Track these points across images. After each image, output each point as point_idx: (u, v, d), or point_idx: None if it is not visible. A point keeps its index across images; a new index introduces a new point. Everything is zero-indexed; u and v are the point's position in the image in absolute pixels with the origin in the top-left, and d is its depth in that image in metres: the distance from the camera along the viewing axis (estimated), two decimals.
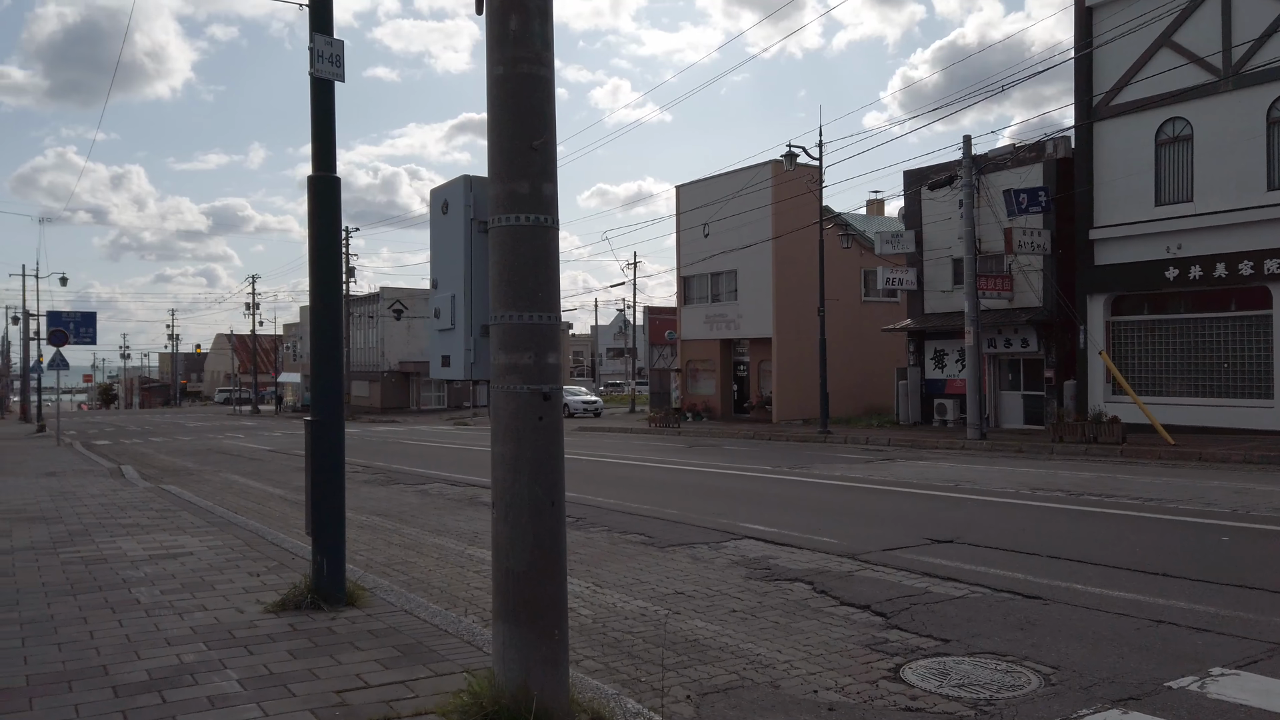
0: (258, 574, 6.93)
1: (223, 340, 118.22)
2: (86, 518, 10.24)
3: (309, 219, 5.75)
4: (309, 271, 5.73)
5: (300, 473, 17.72)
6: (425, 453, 22.37)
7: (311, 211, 5.74)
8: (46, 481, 15.21)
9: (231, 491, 14.57)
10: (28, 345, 60.63)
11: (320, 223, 5.75)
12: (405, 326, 60.17)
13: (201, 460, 21.69)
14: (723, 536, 9.23)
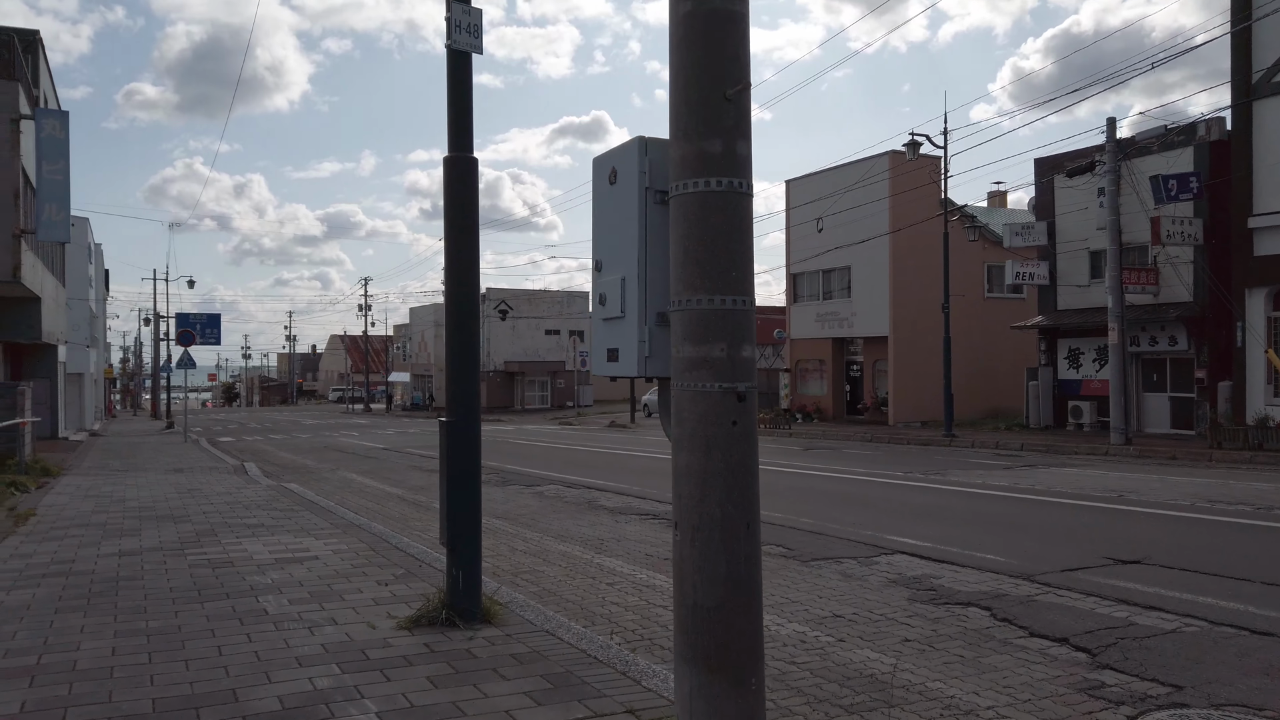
0: (385, 583, 6.55)
1: (336, 341, 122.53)
2: (213, 516, 10.18)
3: (445, 203, 5.30)
4: (445, 258, 5.28)
5: (416, 471, 17.67)
6: (535, 453, 22.14)
7: (448, 195, 5.29)
8: (174, 478, 15.51)
9: (350, 490, 14.52)
10: (158, 346, 63.91)
11: (456, 206, 5.28)
12: (510, 326, 60.86)
13: (320, 458, 22.01)
14: (871, 550, 8.45)
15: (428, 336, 71.82)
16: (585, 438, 28.47)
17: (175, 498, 12.18)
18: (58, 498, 12.10)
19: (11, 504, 11.09)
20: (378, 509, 11.99)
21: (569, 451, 22.43)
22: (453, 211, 5.30)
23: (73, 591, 6.23)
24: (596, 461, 19.21)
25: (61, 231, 19.68)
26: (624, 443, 25.52)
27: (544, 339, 62.73)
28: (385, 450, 24.16)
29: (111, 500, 11.86)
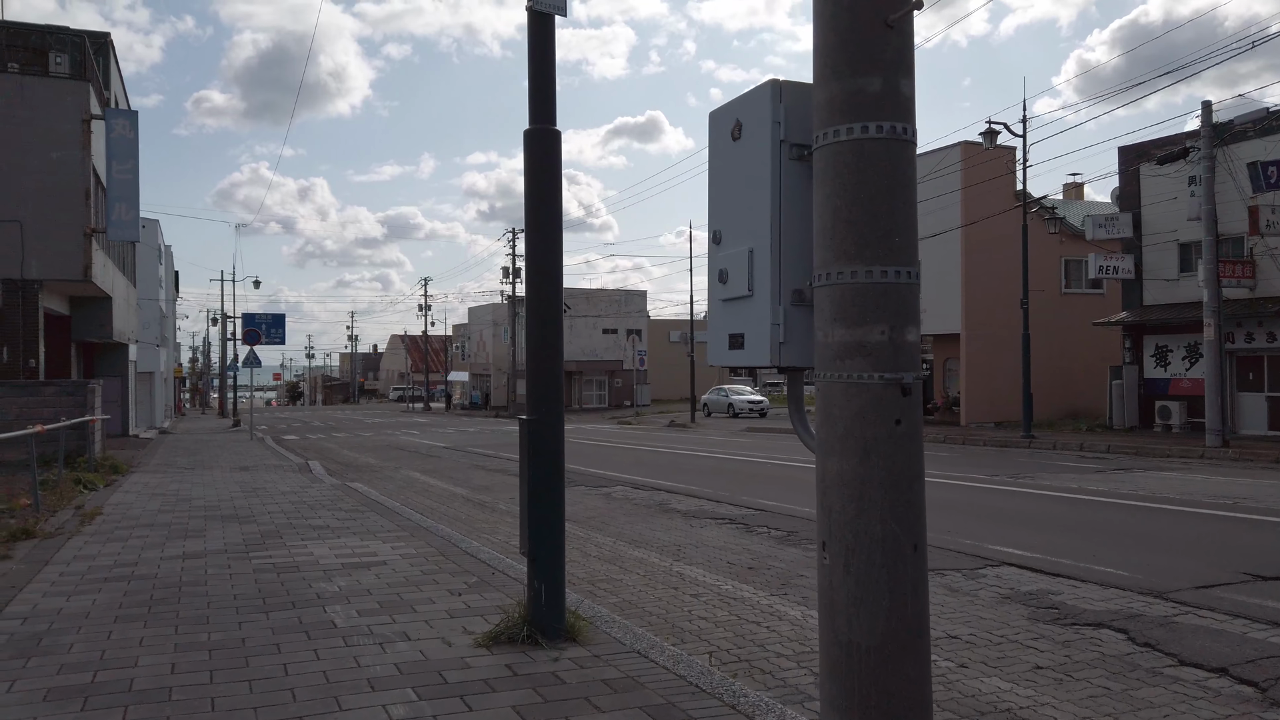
0: (458, 592, 6.12)
1: (397, 341, 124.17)
2: (278, 517, 9.92)
3: (526, 180, 4.83)
4: (525, 243, 4.82)
5: (478, 471, 17.37)
6: (598, 453, 21.72)
7: (529, 172, 4.82)
8: (240, 476, 15.42)
9: (414, 490, 14.25)
10: (224, 345, 65.26)
11: (538, 185, 4.82)
12: (568, 325, 60.69)
13: (382, 456, 21.90)
14: (974, 561, 7.78)
15: (486, 336, 72.11)
16: (646, 437, 28.00)
17: (240, 497, 12.00)
18: (125, 496, 12.01)
19: (79, 502, 10.98)
20: (443, 509, 11.65)
21: (632, 451, 21.97)
22: (535, 190, 4.83)
23: (134, 598, 5.92)
24: (661, 462, 18.71)
25: (131, 231, 19.86)
26: (687, 442, 24.98)
27: (601, 338, 62.47)
28: (447, 449, 23.99)
29: (178, 499, 11.72)
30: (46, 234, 18.81)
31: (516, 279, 58.21)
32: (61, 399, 17.08)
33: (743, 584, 7.04)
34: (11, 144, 18.60)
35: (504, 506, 11.92)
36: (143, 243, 38.00)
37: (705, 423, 36.96)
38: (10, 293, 18.60)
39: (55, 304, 21.60)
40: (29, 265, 18.70)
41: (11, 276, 18.59)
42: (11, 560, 7.22)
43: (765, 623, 5.91)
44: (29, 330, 18.70)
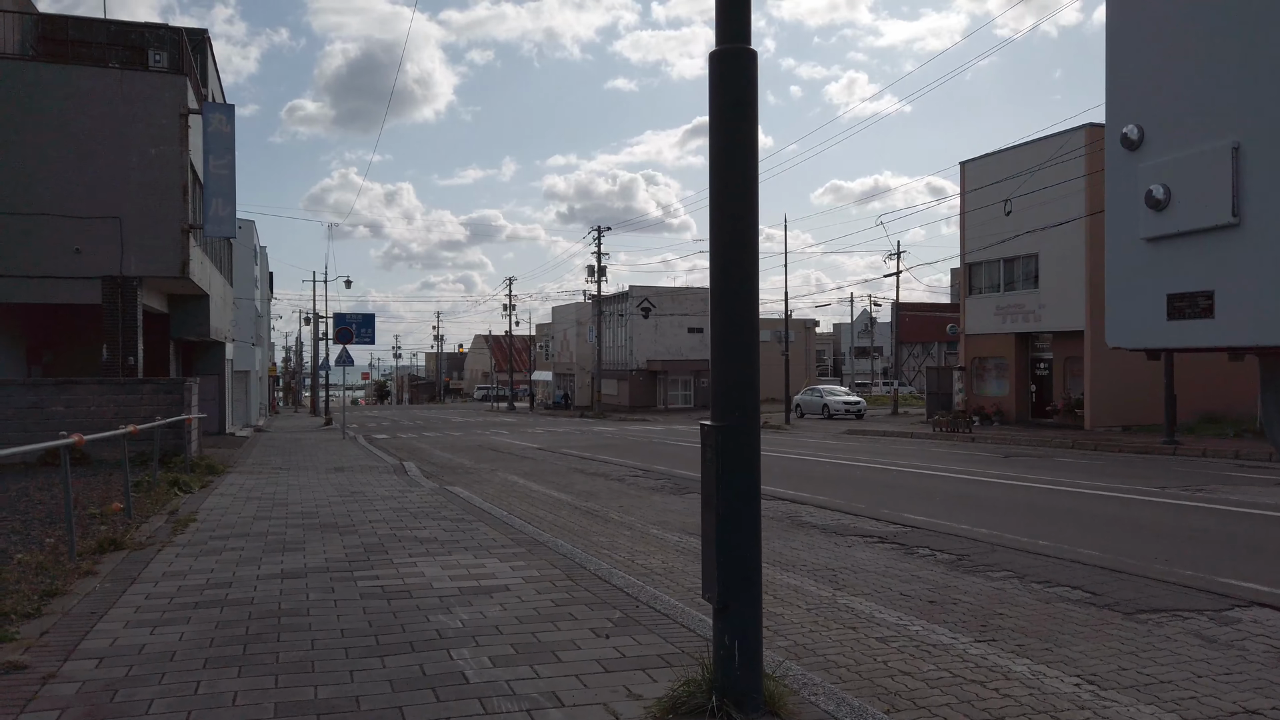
0: (604, 632, 5.06)
1: (480, 341, 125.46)
2: (380, 527, 9.07)
3: (711, 113, 3.73)
4: (710, 183, 3.72)
5: (578, 475, 16.43)
6: (694, 456, 20.55)
7: (715, 103, 3.72)
8: (336, 478, 14.79)
9: (515, 495, 13.36)
10: (317, 345, 66.38)
11: (728, 119, 3.71)
12: (653, 325, 59.87)
13: (476, 457, 21.20)
14: (1215, 601, 6.38)
15: (570, 336, 71.75)
16: None
17: (338, 502, 11.26)
18: (219, 500, 11.39)
19: (173, 506, 10.36)
20: (551, 519, 10.68)
21: None
22: (723, 126, 3.72)
23: (227, 632, 5.04)
24: (772, 467, 17.46)
25: (228, 227, 19.58)
26: (789, 445, 23.65)
27: (687, 337, 61.35)
28: (540, 450, 23.19)
29: (273, 504, 11.04)
30: (145, 231, 18.63)
31: (601, 278, 57.58)
32: (159, 397, 16.80)
33: (934, 624, 5.82)
34: (111, 140, 18.47)
35: (616, 516, 10.89)
36: (239, 242, 38.46)
37: (800, 424, 35.47)
38: (110, 290, 18.46)
39: (154, 302, 21.54)
40: (128, 262, 18.54)
41: (111, 274, 18.45)
42: (97, 577, 6.47)
43: (989, 682, 4.68)
44: (128, 328, 18.55)
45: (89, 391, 16.51)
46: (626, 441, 26.27)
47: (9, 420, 15.97)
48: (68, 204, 18.25)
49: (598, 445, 24.68)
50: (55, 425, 16.27)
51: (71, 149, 18.29)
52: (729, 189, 3.74)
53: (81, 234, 18.31)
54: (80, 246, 18.31)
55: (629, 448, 23.49)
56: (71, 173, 18.30)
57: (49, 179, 18.16)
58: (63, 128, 18.23)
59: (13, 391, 16.08)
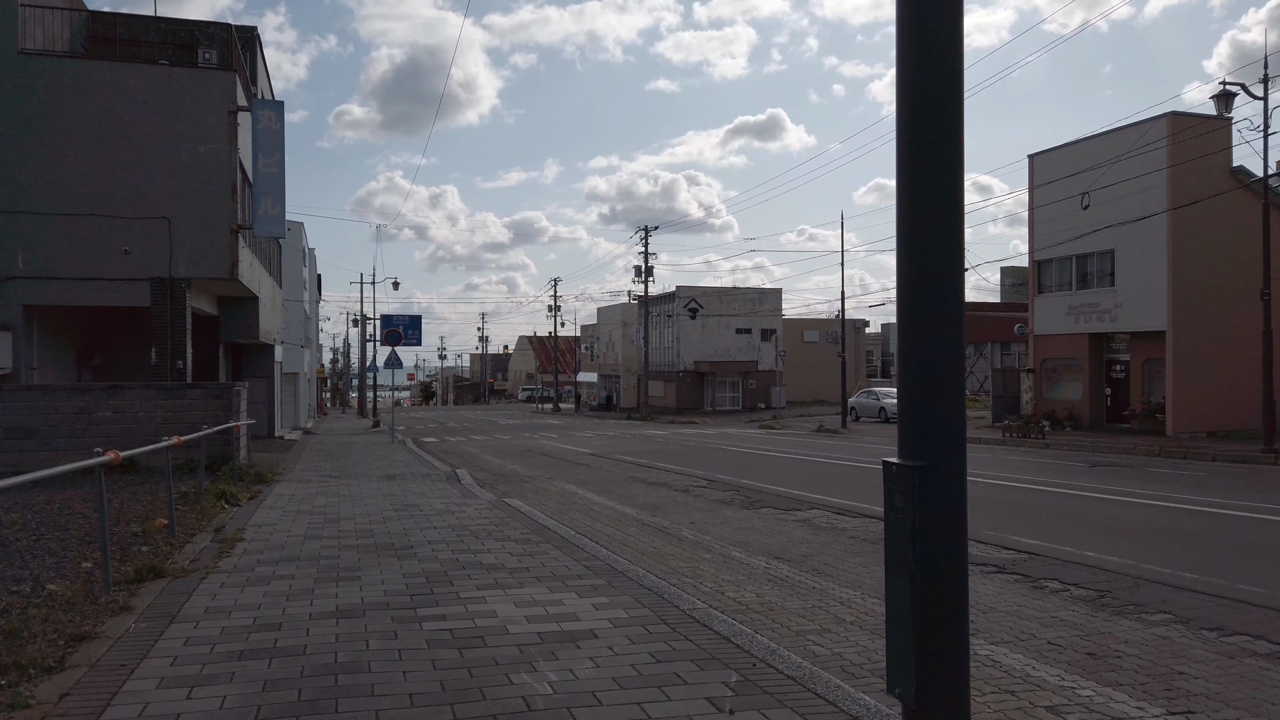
0: (724, 704, 4.19)
1: (524, 342, 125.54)
2: (440, 549, 8.30)
3: (899, 43, 2.83)
4: (899, 145, 2.82)
5: (638, 485, 15.58)
6: (762, 464, 19.64)
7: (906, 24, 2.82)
8: (388, 487, 14.12)
9: (576, 507, 12.56)
10: (364, 347, 66.47)
11: (921, 48, 2.81)
12: (700, 325, 58.91)
13: (528, 463, 20.48)
14: None
15: (615, 337, 71.07)
16: (801, 444, 25.70)
17: (393, 516, 10.54)
18: (268, 514, 10.73)
19: (220, 522, 9.71)
20: (620, 537, 9.84)
21: (799, 462, 19.76)
22: (913, 58, 2.82)
23: (276, 697, 4.25)
24: (842, 477, 16.46)
25: (277, 227, 19.09)
26: (852, 451, 22.58)
27: (734, 338, 60.30)
28: (593, 456, 22.41)
29: (325, 519, 10.35)
30: (193, 231, 18.20)
31: (648, 278, 56.76)
32: (207, 402, 16.31)
33: (1105, 687, 4.86)
34: (160, 138, 18.06)
35: (689, 535, 10.02)
36: (288, 244, 38.28)
37: (857, 428, 34.27)
38: (159, 292, 18.05)
39: (203, 304, 21.16)
40: (177, 264, 18.11)
41: (159, 275, 18.04)
42: (132, 614, 5.76)
43: None
44: (177, 331, 18.12)
45: (137, 397, 16.07)
46: (681, 447, 25.39)
47: (56, 427, 15.58)
48: (116, 204, 17.87)
49: (652, 451, 23.84)
50: (102, 432, 15.86)
51: (120, 148, 17.91)
52: (926, 150, 2.84)
53: (130, 235, 17.93)
54: (129, 247, 17.93)
55: (685, 454, 22.61)
56: (120, 172, 17.93)
57: (97, 179, 17.80)
58: (111, 126, 17.85)
59: (60, 397, 15.68)
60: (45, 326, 18.60)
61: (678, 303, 58.88)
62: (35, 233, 17.46)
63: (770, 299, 61.34)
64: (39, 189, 17.50)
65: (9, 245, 17.37)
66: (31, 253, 17.46)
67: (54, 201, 17.56)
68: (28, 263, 17.46)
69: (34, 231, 17.46)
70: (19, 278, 17.40)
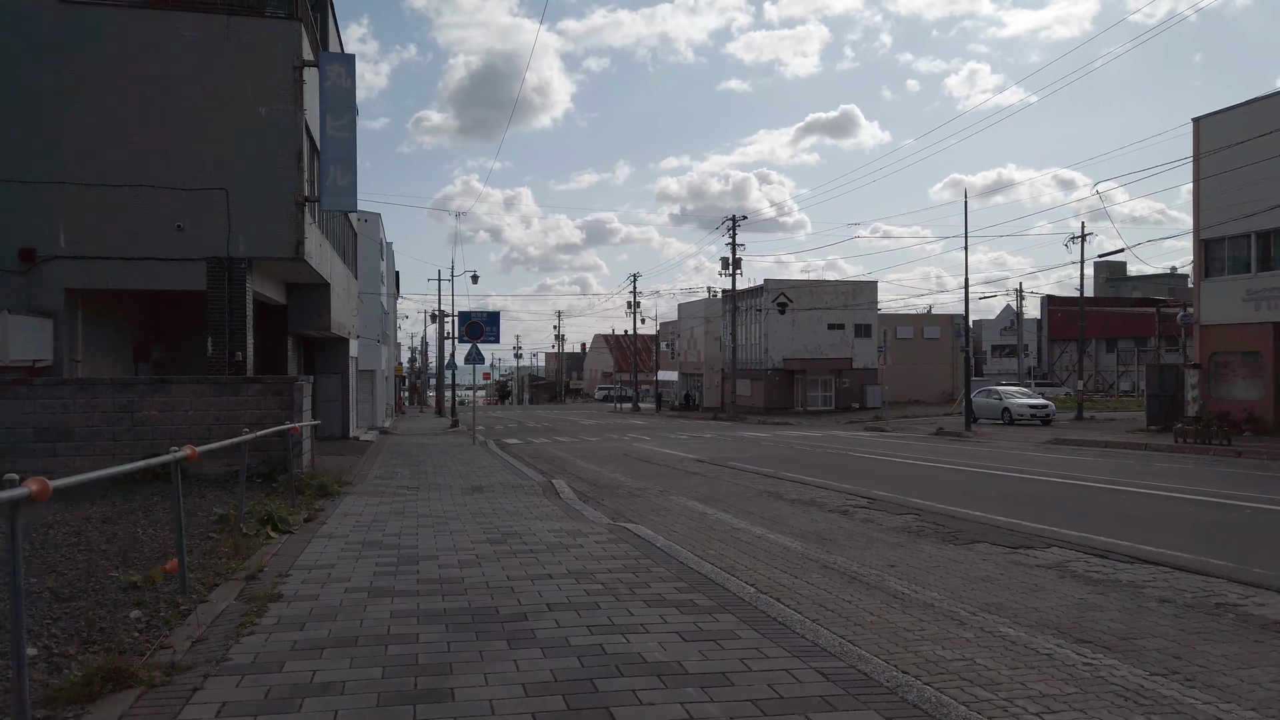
0: None
1: (600, 340, 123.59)
2: (568, 621, 5.48)
3: None
4: None
5: (776, 501, 12.53)
6: (910, 476, 16.44)
7: None
8: (476, 503, 11.46)
9: (717, 536, 9.67)
10: (442, 344, 64.86)
11: None
12: (790, 320, 55.53)
13: (629, 471, 17.66)
14: None
15: (696, 334, 68.05)
16: (935, 450, 22.34)
17: (489, 554, 7.80)
18: (324, 548, 8.09)
19: (258, 563, 7.08)
20: (811, 593, 6.89)
21: (956, 474, 16.47)
22: None
23: None
24: (1038, 494, 13.18)
25: (348, 199, 16.67)
26: (990, 459, 19.14)
27: (826, 334, 56.73)
28: (702, 464, 19.49)
29: (399, 557, 7.66)
30: (254, 204, 15.89)
31: (736, 271, 53.61)
32: (266, 400, 13.92)
33: None
34: (216, 97, 15.80)
35: (906, 590, 7.01)
36: (364, 234, 36.35)
37: (982, 431, 30.57)
38: (216, 274, 15.79)
39: (270, 291, 18.93)
40: (235, 241, 15.83)
41: (216, 255, 15.77)
42: None
43: None
44: (236, 318, 15.85)
45: (186, 392, 13.77)
46: (795, 452, 22.30)
47: (94, 427, 13.37)
48: (168, 174, 15.67)
49: (765, 457, 20.82)
50: (147, 433, 13.59)
51: (172, 109, 15.71)
52: None
53: (184, 209, 15.71)
54: (182, 223, 15.70)
55: (807, 461, 19.53)
56: (172, 137, 15.72)
57: (147, 145, 15.63)
58: (162, 84, 15.66)
59: (100, 392, 13.46)
60: (93, 313, 16.53)
61: (765, 296, 55.59)
62: (78, 207, 15.36)
63: (865, 292, 57.58)
64: (81, 157, 15.39)
65: (49, 221, 15.29)
66: (74, 229, 15.37)
67: (98, 171, 15.43)
68: (70, 241, 15.37)
69: (76, 205, 15.36)
70: (60, 258, 15.32)
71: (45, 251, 15.24)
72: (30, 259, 15.16)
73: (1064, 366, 76.37)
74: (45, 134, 15.28)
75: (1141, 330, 63.44)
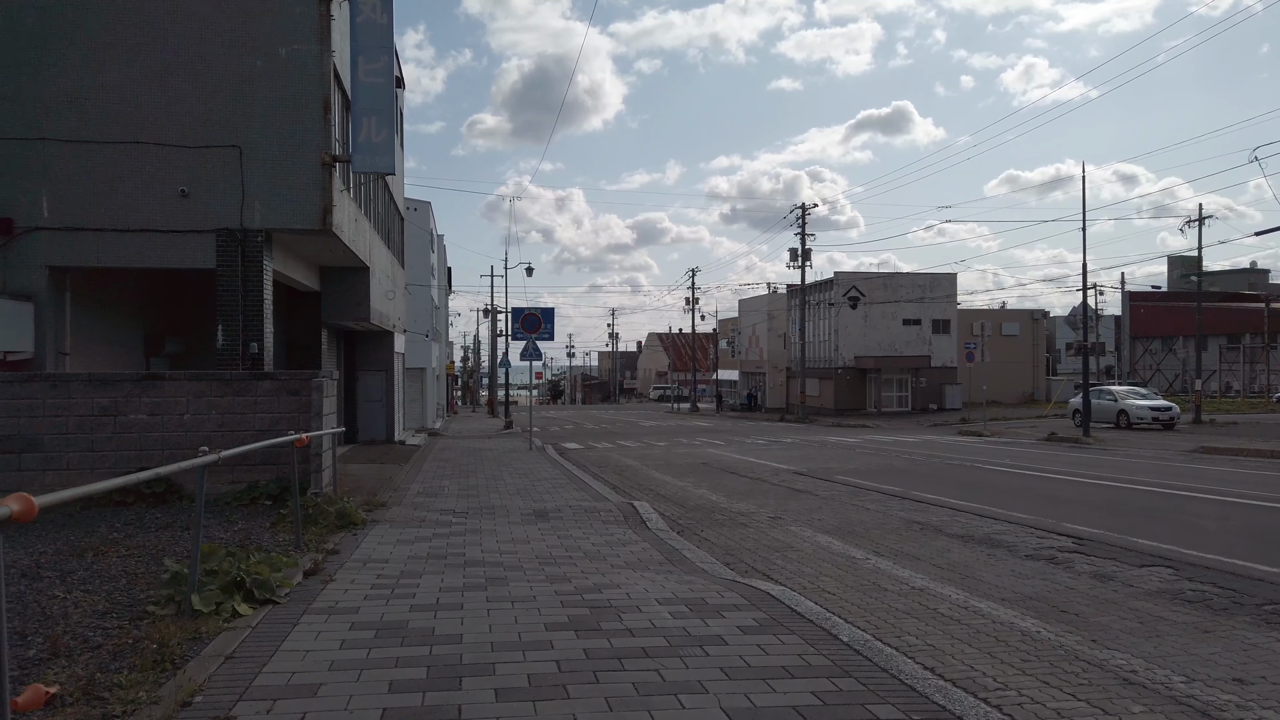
0: None
1: (654, 339, 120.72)
2: None
3: None
4: None
5: (953, 542, 9.15)
6: (1075, 496, 13.07)
7: None
8: (543, 542, 8.48)
9: (888, 599, 6.57)
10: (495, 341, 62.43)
11: None
12: (862, 316, 51.91)
13: (719, 487, 14.56)
14: None
15: (759, 331, 64.59)
16: (1076, 462, 18.82)
17: (576, 658, 4.77)
18: (310, 647, 5.13)
19: (184, 690, 4.09)
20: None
21: (1143, 496, 13.03)
22: None
23: None
24: (1256, 521, 9.78)
25: (384, 159, 13.85)
26: (1184, 478, 15.59)
27: (901, 330, 52.96)
28: (801, 476, 16.30)
29: (427, 675, 4.68)
30: (272, 164, 13.18)
31: (806, 263, 50.14)
32: (279, 400, 11.14)
33: None
34: (228, 37, 13.11)
35: None
36: (413, 222, 33.71)
37: (1101, 437, 26.77)
38: (227, 249, 13.10)
39: (299, 273, 16.26)
40: (250, 209, 13.12)
41: (227, 225, 13.09)
42: None
43: None
44: (251, 302, 13.14)
45: (182, 391, 11.04)
46: (906, 462, 19.00)
47: (68, 436, 10.71)
48: (171, 129, 13.04)
49: (876, 469, 17.55)
50: (134, 441, 10.88)
51: (174, 51, 13.06)
52: None
53: (189, 170, 13.05)
54: (187, 186, 13.05)
55: (930, 475, 16.24)
56: (175, 84, 13.08)
57: (145, 94, 13.00)
58: (163, 20, 13.02)
59: (76, 390, 10.80)
60: (89, 298, 13.96)
61: (836, 290, 52.02)
62: (63, 168, 12.78)
63: (943, 284, 53.67)
64: (68, 109, 12.81)
65: (29, 185, 12.73)
66: (59, 195, 12.79)
67: (88, 125, 12.84)
68: (54, 209, 12.78)
69: (62, 166, 12.78)
70: (43, 229, 12.74)
71: (24, 222, 12.68)
72: (7, 230, 12.61)
73: (1146, 366, 71.25)
74: (25, 81, 12.73)
75: (1230, 328, 58.70)
